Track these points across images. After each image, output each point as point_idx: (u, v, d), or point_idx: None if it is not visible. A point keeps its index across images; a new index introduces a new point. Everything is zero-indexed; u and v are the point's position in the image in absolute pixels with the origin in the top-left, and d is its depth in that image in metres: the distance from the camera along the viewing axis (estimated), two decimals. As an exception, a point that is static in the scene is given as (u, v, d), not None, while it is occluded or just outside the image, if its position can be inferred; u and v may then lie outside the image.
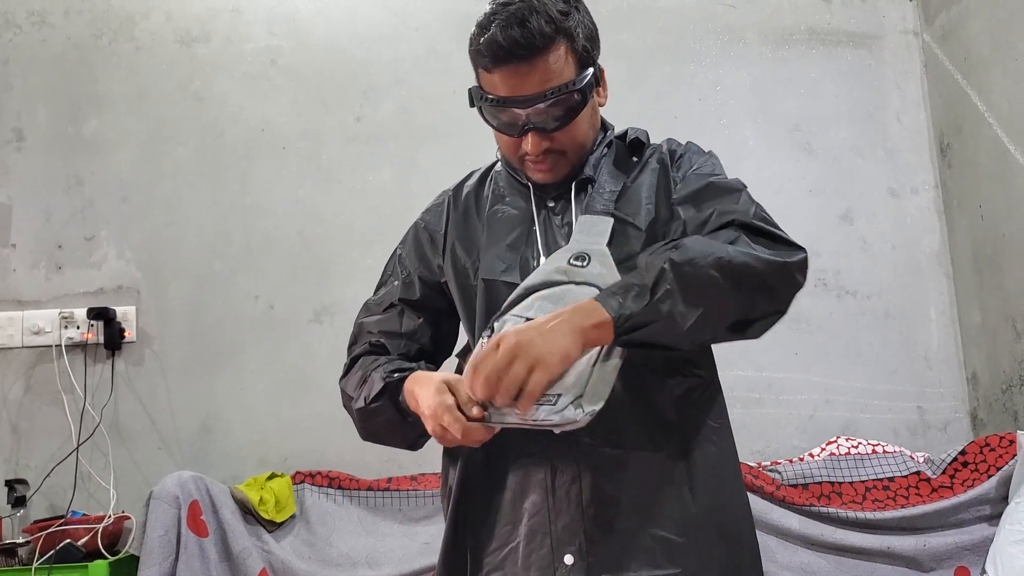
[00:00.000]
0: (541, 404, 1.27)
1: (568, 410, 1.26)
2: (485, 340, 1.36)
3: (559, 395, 1.28)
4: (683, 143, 1.65)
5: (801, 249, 1.40)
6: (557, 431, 1.29)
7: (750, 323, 1.37)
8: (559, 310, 1.31)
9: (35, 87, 3.26)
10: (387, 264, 1.73)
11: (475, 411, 1.31)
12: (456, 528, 1.54)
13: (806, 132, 3.52)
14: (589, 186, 1.57)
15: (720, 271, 1.30)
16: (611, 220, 1.48)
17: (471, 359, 1.32)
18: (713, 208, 1.45)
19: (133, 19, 3.32)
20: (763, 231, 1.40)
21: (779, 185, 3.43)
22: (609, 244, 1.46)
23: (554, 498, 1.43)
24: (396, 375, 1.52)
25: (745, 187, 1.51)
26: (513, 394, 1.25)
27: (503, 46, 1.42)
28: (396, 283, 1.68)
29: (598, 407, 1.27)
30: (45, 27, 3.28)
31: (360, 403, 1.55)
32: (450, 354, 1.72)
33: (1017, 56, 3.08)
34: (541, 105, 1.45)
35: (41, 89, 3.26)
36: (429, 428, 1.38)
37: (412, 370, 1.52)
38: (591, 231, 1.47)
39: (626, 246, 1.47)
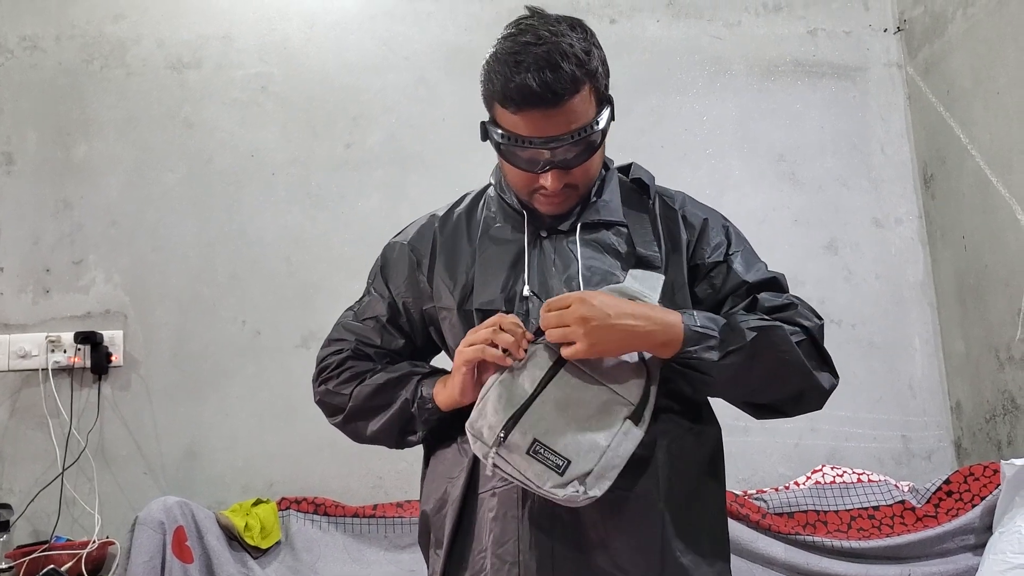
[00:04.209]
0: (548, 466, 1.36)
1: (571, 488, 1.35)
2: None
3: (569, 461, 1.36)
4: (702, 207, 1.69)
5: (836, 378, 1.55)
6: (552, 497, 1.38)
7: (766, 411, 1.57)
8: (650, 306, 1.44)
9: (25, 111, 3.26)
10: (371, 273, 1.75)
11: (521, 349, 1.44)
12: (449, 557, 1.56)
13: (791, 162, 3.55)
14: (605, 229, 1.59)
15: (782, 368, 1.46)
16: (663, 278, 1.52)
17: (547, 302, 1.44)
18: (790, 303, 1.55)
19: (124, 45, 3.34)
20: (821, 350, 1.53)
21: (764, 215, 3.46)
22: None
23: (524, 528, 1.45)
24: (428, 368, 1.65)
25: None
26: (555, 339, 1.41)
27: (535, 92, 1.41)
28: (377, 298, 1.71)
29: (599, 493, 1.36)
30: (36, 52, 3.30)
31: (375, 381, 1.61)
32: None
33: (999, 89, 3.12)
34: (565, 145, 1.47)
35: (31, 114, 3.26)
36: (478, 337, 1.45)
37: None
38: (644, 283, 1.50)
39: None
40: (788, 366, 1.46)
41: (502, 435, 1.37)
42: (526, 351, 1.43)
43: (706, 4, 3.63)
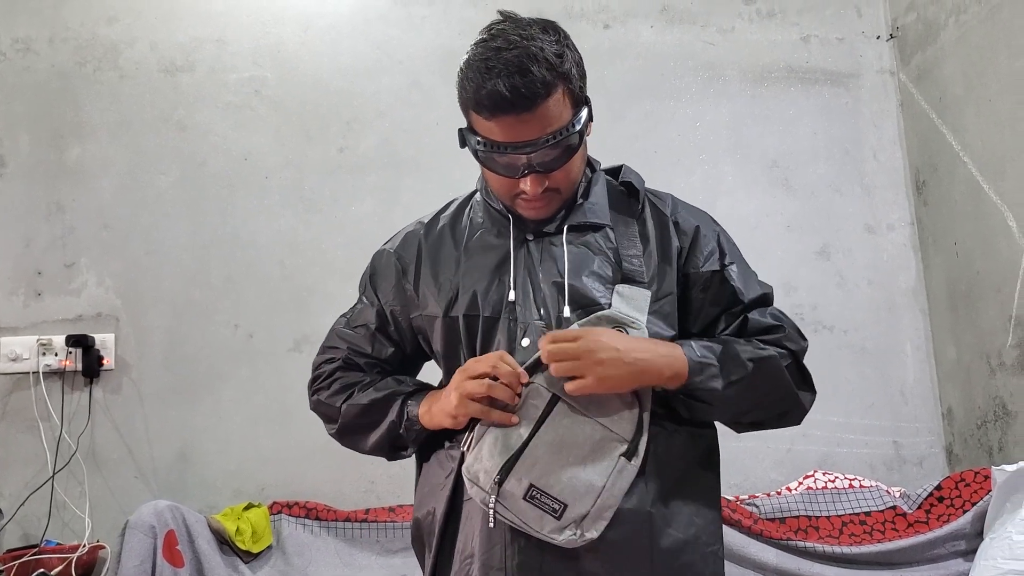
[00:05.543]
0: (545, 511, 1.38)
1: (568, 531, 1.38)
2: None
3: (566, 505, 1.38)
4: (693, 212, 1.68)
5: (815, 394, 1.62)
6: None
7: (749, 427, 1.60)
8: (650, 340, 1.46)
9: (18, 114, 3.25)
10: (361, 280, 1.76)
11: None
12: (437, 561, 1.56)
13: (784, 168, 3.56)
14: (592, 231, 1.59)
15: (775, 394, 1.53)
16: (649, 294, 1.53)
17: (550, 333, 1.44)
18: (779, 324, 1.59)
19: (118, 48, 3.33)
20: (804, 372, 1.59)
21: (757, 221, 3.47)
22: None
23: (512, 533, 1.45)
24: (413, 385, 1.66)
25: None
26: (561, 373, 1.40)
27: (506, 97, 1.40)
28: (367, 306, 1.72)
29: (596, 535, 1.39)
30: (30, 54, 3.29)
31: (360, 401, 1.63)
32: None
33: (990, 96, 3.13)
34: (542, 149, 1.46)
35: (24, 116, 3.25)
36: (475, 388, 1.44)
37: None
38: (631, 303, 1.51)
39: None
40: (780, 391, 1.53)
41: (497, 480, 1.39)
42: (519, 395, 1.44)
43: (700, 10, 3.64)
